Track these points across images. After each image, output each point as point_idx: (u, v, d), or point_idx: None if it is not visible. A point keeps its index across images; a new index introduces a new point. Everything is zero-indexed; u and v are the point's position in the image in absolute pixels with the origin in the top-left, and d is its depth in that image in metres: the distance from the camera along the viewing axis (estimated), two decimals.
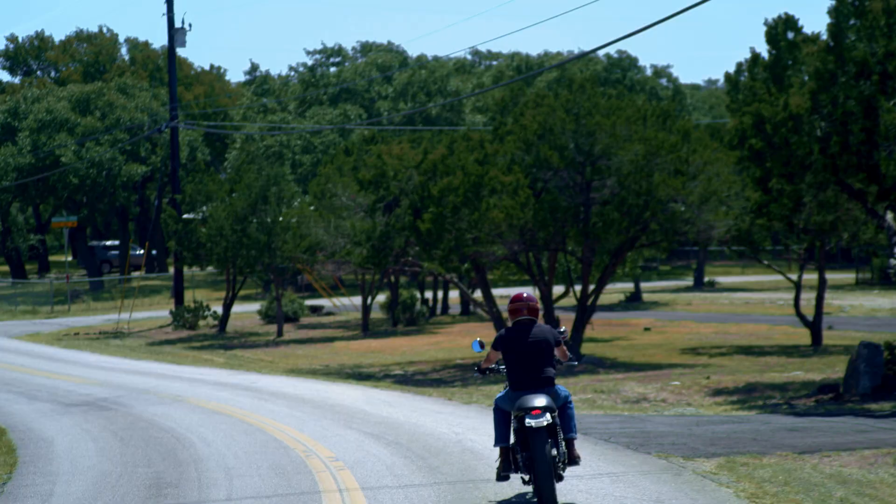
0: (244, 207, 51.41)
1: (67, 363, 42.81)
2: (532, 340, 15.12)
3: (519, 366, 15.09)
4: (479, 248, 36.75)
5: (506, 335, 15.30)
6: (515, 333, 15.24)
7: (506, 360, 15.25)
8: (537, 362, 15.04)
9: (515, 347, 15.15)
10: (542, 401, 14.59)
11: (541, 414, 14.47)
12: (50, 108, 75.88)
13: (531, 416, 14.47)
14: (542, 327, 15.33)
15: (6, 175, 73.80)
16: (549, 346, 15.18)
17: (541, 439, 14.44)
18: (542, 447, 14.40)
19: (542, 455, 14.37)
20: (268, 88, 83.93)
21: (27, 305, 69.69)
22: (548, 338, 15.20)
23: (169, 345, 51.37)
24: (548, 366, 15.10)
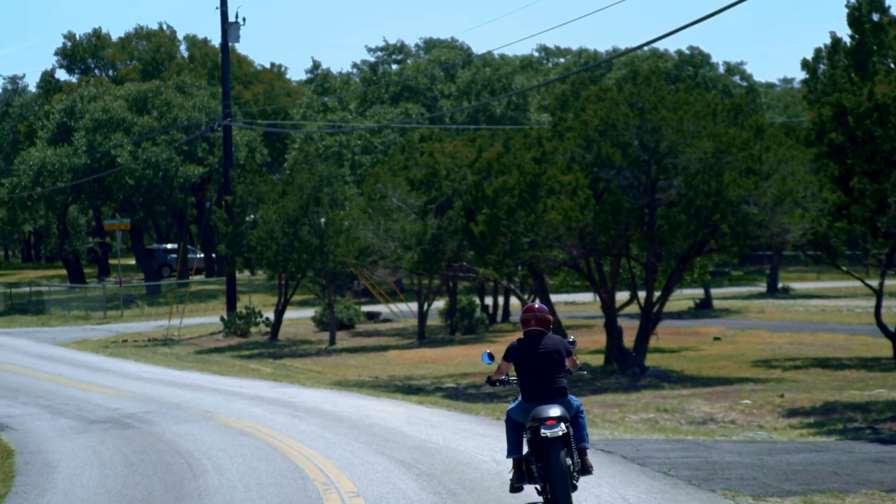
0: (296, 209, 49.31)
1: (107, 373, 40.92)
2: (543, 351, 15.16)
3: (531, 376, 15.14)
4: (535, 252, 34.38)
5: (517, 346, 15.34)
6: (526, 344, 15.29)
7: (517, 371, 15.28)
8: (549, 373, 15.10)
9: (527, 358, 15.18)
10: (557, 411, 14.74)
11: (555, 424, 14.61)
12: (106, 108, 74.24)
13: (546, 426, 14.59)
14: (553, 338, 15.37)
15: (61, 176, 72.21)
16: (561, 357, 15.22)
17: (556, 449, 14.58)
18: (557, 457, 14.53)
19: (558, 465, 14.50)
20: (328, 87, 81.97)
21: (80, 311, 68.08)
22: (559, 348, 15.25)
23: (217, 353, 49.37)
24: (559, 376, 15.16)
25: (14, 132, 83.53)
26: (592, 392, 33.18)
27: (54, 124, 76.36)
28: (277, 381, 37.34)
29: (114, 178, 72.90)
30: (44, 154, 73.62)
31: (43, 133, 76.69)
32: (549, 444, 14.62)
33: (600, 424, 25.64)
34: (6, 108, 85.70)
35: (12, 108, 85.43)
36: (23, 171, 73.73)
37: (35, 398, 34.11)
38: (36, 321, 65.55)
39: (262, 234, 49.77)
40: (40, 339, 54.92)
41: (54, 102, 78.76)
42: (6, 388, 37.32)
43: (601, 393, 32.87)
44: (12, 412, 31.00)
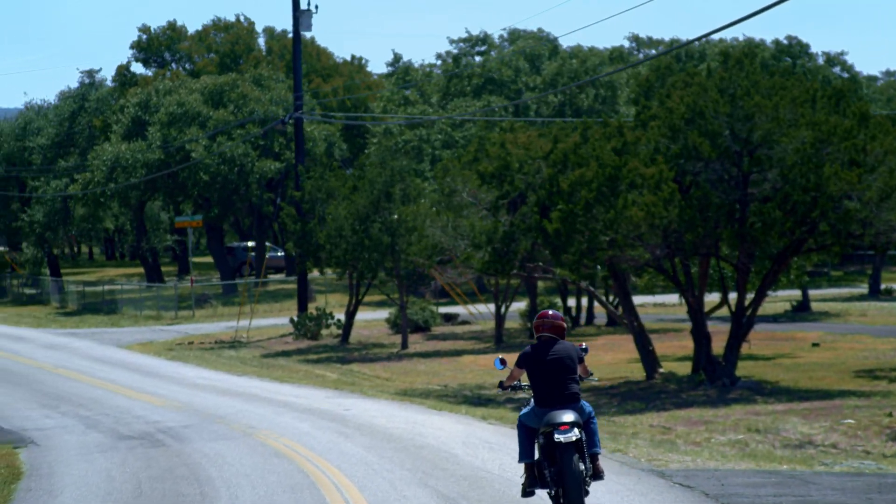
0: (366, 205, 46.69)
1: (161, 379, 38.60)
2: (555, 357, 15.18)
3: (543, 382, 15.15)
4: (615, 252, 31.42)
5: (530, 352, 15.36)
6: (539, 351, 15.30)
7: (530, 376, 15.30)
8: (561, 379, 15.11)
9: (539, 364, 15.20)
10: (570, 416, 14.81)
11: (569, 429, 14.69)
12: (181, 101, 72.09)
13: (560, 431, 14.67)
14: (565, 344, 15.36)
15: (135, 171, 70.22)
16: (573, 363, 15.25)
17: (570, 454, 14.70)
18: (571, 462, 14.67)
19: (572, 469, 14.64)
20: (409, 79, 79.38)
21: (152, 311, 66.02)
22: (571, 354, 15.26)
23: (284, 357, 46.91)
24: (572, 382, 15.18)
25: (90, 127, 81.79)
26: (677, 406, 30.17)
27: (129, 119, 74.42)
28: (337, 390, 34.72)
29: (188, 173, 70.77)
30: (117, 149, 71.67)
31: (117, 128, 74.79)
32: (563, 449, 14.74)
33: (682, 448, 22.69)
34: (82, 103, 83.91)
35: (88, 103, 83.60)
36: (96, 166, 71.84)
37: (77, 407, 31.87)
38: (106, 321, 63.61)
39: (331, 231, 47.22)
40: (105, 341, 52.85)
41: (129, 96, 76.84)
42: (52, 395, 35.15)
43: (687, 407, 29.85)
44: (46, 424, 28.76)
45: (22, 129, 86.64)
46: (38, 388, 37.05)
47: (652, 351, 34.84)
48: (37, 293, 78.80)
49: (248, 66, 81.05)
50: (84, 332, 57.62)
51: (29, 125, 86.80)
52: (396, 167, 47.21)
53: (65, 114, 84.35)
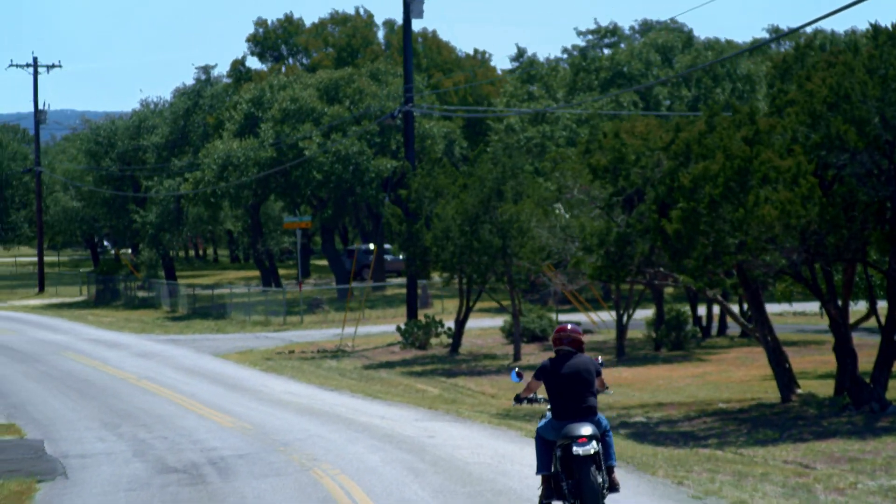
0: (475, 205, 42.91)
1: (244, 394, 35.30)
2: (574, 371, 15.33)
3: (561, 396, 15.33)
4: (744, 256, 27.21)
5: (548, 366, 15.54)
6: (557, 364, 15.48)
7: (548, 389, 15.46)
8: (579, 392, 15.29)
9: (557, 378, 15.35)
10: (589, 429, 15.05)
11: (587, 442, 14.93)
12: (295, 97, 68.99)
13: (578, 444, 14.89)
14: (583, 358, 15.53)
15: (246, 170, 67.29)
16: (591, 376, 15.39)
17: (588, 467, 14.94)
18: (589, 474, 14.87)
19: (590, 482, 14.86)
20: (534, 74, 75.42)
21: (260, 316, 62.95)
22: (588, 368, 15.42)
23: (386, 369, 43.32)
24: (589, 395, 15.33)
25: (204, 125, 79.16)
26: (817, 436, 25.86)
27: (241, 115, 71.56)
28: (431, 411, 31.04)
29: (301, 172, 67.65)
30: (229, 147, 68.83)
31: (230, 125, 71.99)
32: (582, 461, 14.92)
33: (822, 497, 18.54)
34: (196, 100, 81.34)
35: (203, 100, 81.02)
36: (207, 165, 69.07)
37: (138, 428, 28.70)
38: (212, 327, 60.69)
39: (438, 233, 43.53)
40: (203, 349, 49.80)
41: (242, 92, 74.00)
42: (120, 411, 32.05)
43: (828, 437, 25.53)
44: (93, 449, 25.63)
45: (136, 128, 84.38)
46: (111, 403, 33.99)
47: (788, 369, 30.51)
48: (149, 297, 76.35)
49: (366, 61, 77.69)
50: (185, 339, 54.72)
51: (143, 123, 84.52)
52: (509, 163, 43.36)
53: (179, 111, 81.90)
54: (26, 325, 62.94)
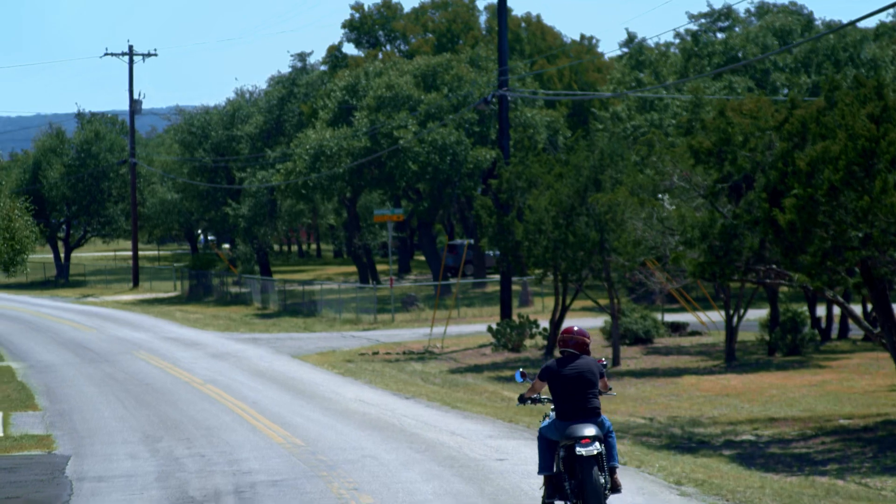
0: (570, 195, 39.33)
1: (310, 402, 32.24)
2: (577, 372, 15.47)
3: (565, 396, 15.45)
4: (870, 251, 23.37)
5: (552, 367, 15.67)
6: (562, 365, 15.64)
7: (552, 390, 15.61)
8: (583, 393, 15.39)
9: (562, 379, 15.50)
10: (592, 430, 15.16)
11: (590, 443, 15.04)
12: (391, 84, 65.81)
13: (581, 444, 15.02)
14: (587, 359, 15.64)
15: (339, 160, 64.26)
16: (594, 378, 15.53)
17: (591, 467, 15.00)
18: (591, 474, 14.93)
19: (592, 483, 14.90)
20: (643, 60, 71.48)
21: (351, 313, 59.82)
22: (592, 369, 15.55)
23: (474, 373, 39.91)
24: (593, 397, 15.46)
25: (299, 114, 76.24)
26: None
27: (335, 103, 68.55)
28: (510, 425, 27.69)
29: (396, 163, 64.46)
30: (321, 136, 65.82)
31: (323, 113, 69.02)
32: (585, 462, 15.03)
33: None
34: (291, 88, 78.48)
35: (298, 88, 78.15)
36: (298, 155, 66.15)
37: (179, 442, 25.76)
38: (300, 325, 57.69)
39: (530, 225, 40.01)
40: (283, 350, 46.80)
41: (337, 80, 70.93)
42: (171, 421, 29.20)
43: None
44: (115, 470, 22.86)
45: (230, 118, 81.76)
46: (163, 411, 31.06)
47: None
48: (241, 293, 73.61)
49: (466, 47, 74.19)
50: (267, 338, 51.76)
51: (237, 113, 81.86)
52: (608, 149, 39.71)
53: (273, 100, 79.11)
54: (109, 322, 60.54)
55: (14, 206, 46.02)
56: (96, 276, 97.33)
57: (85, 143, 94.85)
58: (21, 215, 45.60)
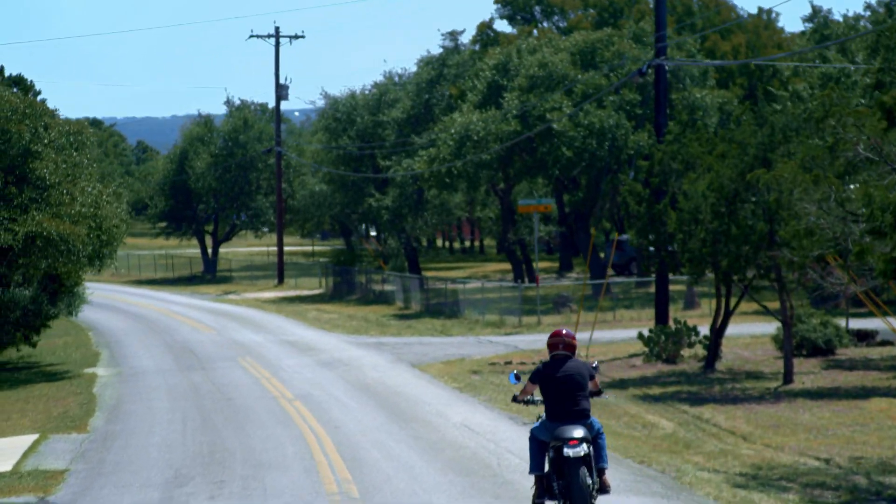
0: (734, 178, 32.72)
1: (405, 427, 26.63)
2: (567, 374, 15.83)
3: (555, 398, 15.80)
4: None
5: (542, 370, 16.06)
6: (552, 368, 16.01)
7: (543, 392, 15.97)
8: (573, 395, 15.75)
9: (552, 381, 15.86)
10: (580, 432, 15.50)
11: (578, 444, 15.37)
12: (544, 62, 59.67)
13: (569, 446, 15.32)
14: (577, 362, 16.09)
15: (486, 146, 58.29)
16: (584, 380, 15.88)
17: (578, 468, 15.28)
18: (578, 475, 15.23)
19: (579, 483, 15.20)
20: (828, 34, 64.14)
21: (495, 315, 53.78)
22: (582, 371, 15.95)
23: (616, 389, 33.55)
24: (583, 399, 15.81)
25: (448, 96, 70.43)
26: None
27: (484, 84, 62.61)
28: (644, 467, 21.59)
29: (548, 148, 58.29)
30: (468, 119, 59.93)
31: (472, 95, 63.15)
32: (572, 463, 15.31)
33: None
34: (441, 69, 72.75)
35: (447, 69, 72.39)
36: (443, 140, 60.38)
37: (206, 486, 20.85)
38: (436, 327, 51.87)
39: (685, 214, 33.51)
40: (404, 357, 41.12)
41: (487, 58, 64.95)
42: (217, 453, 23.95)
43: None
44: None
45: (377, 102, 76.31)
46: (225, 436, 26.00)
47: None
48: (385, 291, 68.01)
49: (630, 22, 67.43)
50: (394, 343, 46.07)
51: (384, 97, 76.36)
52: (779, 122, 32.99)
53: (422, 82, 73.43)
54: (234, 323, 55.62)
55: (104, 191, 41.09)
56: (243, 273, 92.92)
57: (233, 132, 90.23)
58: (111, 202, 40.65)
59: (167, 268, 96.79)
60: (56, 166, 39.07)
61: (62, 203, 38.56)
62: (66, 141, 40.70)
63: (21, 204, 38.66)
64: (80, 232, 37.73)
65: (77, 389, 35.21)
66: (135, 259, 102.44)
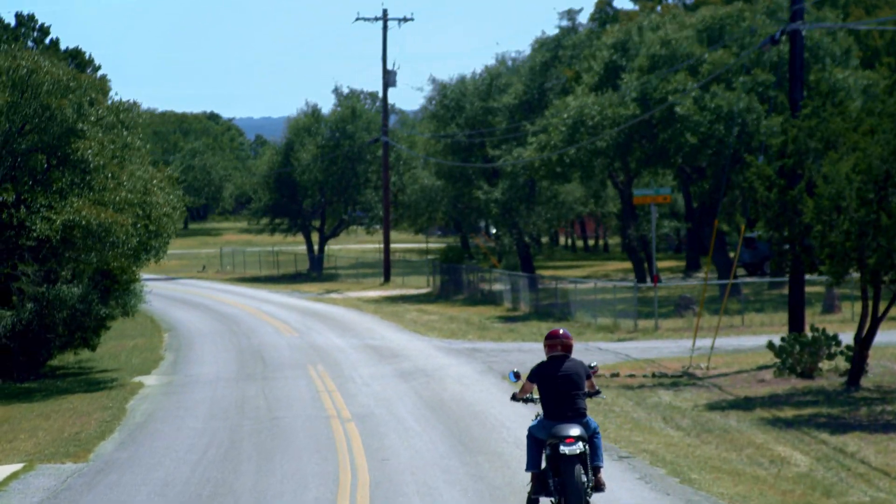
0: (885, 157, 26.90)
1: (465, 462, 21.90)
2: (565, 374, 15.94)
3: (552, 397, 15.93)
4: None
5: (540, 369, 16.11)
6: (549, 367, 16.06)
7: (540, 391, 16.10)
8: (569, 394, 15.88)
9: (549, 380, 15.97)
10: (576, 430, 15.63)
11: (574, 442, 15.49)
12: (667, 40, 53.98)
13: (565, 444, 15.48)
14: (574, 361, 16.15)
15: (601, 132, 52.73)
16: (581, 379, 16.02)
17: (573, 466, 15.45)
18: (573, 473, 15.41)
19: (574, 481, 15.39)
20: None
21: (607, 318, 48.15)
22: (579, 371, 16.05)
23: (741, 410, 28.00)
24: (579, 398, 15.96)
25: (563, 80, 64.83)
26: None
27: (601, 65, 57.02)
28: None
29: (671, 134, 52.56)
30: (582, 102, 54.41)
31: (587, 77, 57.62)
32: (567, 461, 15.45)
33: None
34: (556, 51, 67.21)
35: (563, 50, 66.84)
36: (554, 125, 54.90)
37: None
38: (542, 331, 46.26)
39: (824, 201, 27.73)
40: (495, 367, 35.98)
41: (604, 37, 59.30)
42: (217, 499, 18.57)
43: None
44: None
45: (487, 87, 70.84)
46: (244, 474, 20.94)
47: None
48: (493, 290, 62.59)
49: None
50: (489, 349, 40.92)
51: (495, 81, 70.89)
52: None
53: (536, 66, 67.88)
54: (321, 325, 50.85)
55: (155, 175, 36.34)
56: (350, 271, 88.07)
57: (340, 122, 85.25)
58: (164, 188, 35.89)
59: (272, 265, 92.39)
60: (102, 147, 34.44)
61: (106, 188, 33.91)
62: (116, 119, 36.04)
63: (60, 189, 34.16)
64: (123, 221, 33.04)
65: (110, 403, 30.52)
66: (240, 256, 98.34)
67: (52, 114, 34.03)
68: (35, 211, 34.00)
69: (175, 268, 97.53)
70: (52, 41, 56.35)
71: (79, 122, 34.49)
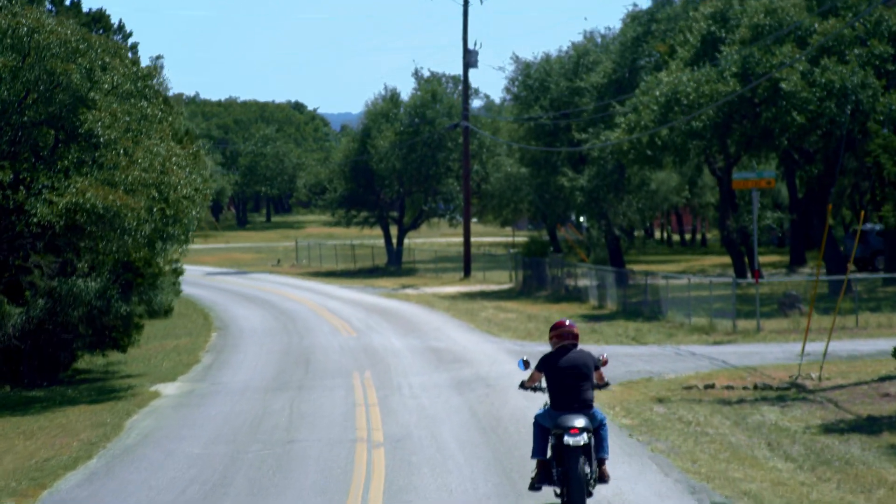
0: None
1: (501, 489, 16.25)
2: (572, 364, 15.76)
3: (559, 387, 15.75)
4: None
5: (549, 358, 15.95)
6: (557, 357, 15.89)
7: (548, 381, 15.95)
8: (576, 385, 15.70)
9: (557, 370, 15.80)
10: (581, 421, 15.45)
11: (578, 433, 15.32)
12: (772, 7, 48.51)
13: (570, 434, 15.32)
14: (582, 352, 15.96)
15: (697, 110, 47.38)
16: (588, 370, 15.80)
17: (576, 457, 15.28)
18: (576, 464, 15.23)
19: (577, 472, 15.20)
20: None
21: (702, 318, 42.33)
22: (587, 362, 15.86)
23: (864, 434, 22.73)
24: (587, 389, 15.76)
25: (656, 57, 59.39)
26: None
27: (697, 38, 51.59)
28: None
29: (775, 113, 47.05)
30: (676, 78, 49.05)
31: (682, 51, 52.22)
32: (571, 451, 15.27)
33: None
34: (649, 25, 61.80)
35: (657, 24, 61.47)
36: (644, 104, 49.61)
37: None
38: (628, 333, 41.35)
39: None
40: None
41: (702, 7, 53.81)
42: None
43: None
44: None
45: (574, 66, 65.52)
46: None
47: None
48: (579, 286, 57.29)
49: None
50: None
51: (582, 59, 65.54)
52: None
53: (627, 41, 62.52)
54: (386, 322, 46.22)
55: (176, 152, 31.57)
56: (431, 264, 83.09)
57: (420, 107, 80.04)
58: (184, 166, 31.11)
59: (349, 258, 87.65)
60: (114, 118, 29.74)
61: (117, 166, 29.22)
62: (133, 87, 31.36)
63: (65, 167, 29.57)
64: (134, 204, 28.34)
65: (108, 418, 25.92)
66: (317, 250, 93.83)
67: (58, 80, 29.46)
68: (36, 192, 29.48)
69: (250, 261, 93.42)
70: (72, 2, 52.09)
71: (93, 91, 29.90)
